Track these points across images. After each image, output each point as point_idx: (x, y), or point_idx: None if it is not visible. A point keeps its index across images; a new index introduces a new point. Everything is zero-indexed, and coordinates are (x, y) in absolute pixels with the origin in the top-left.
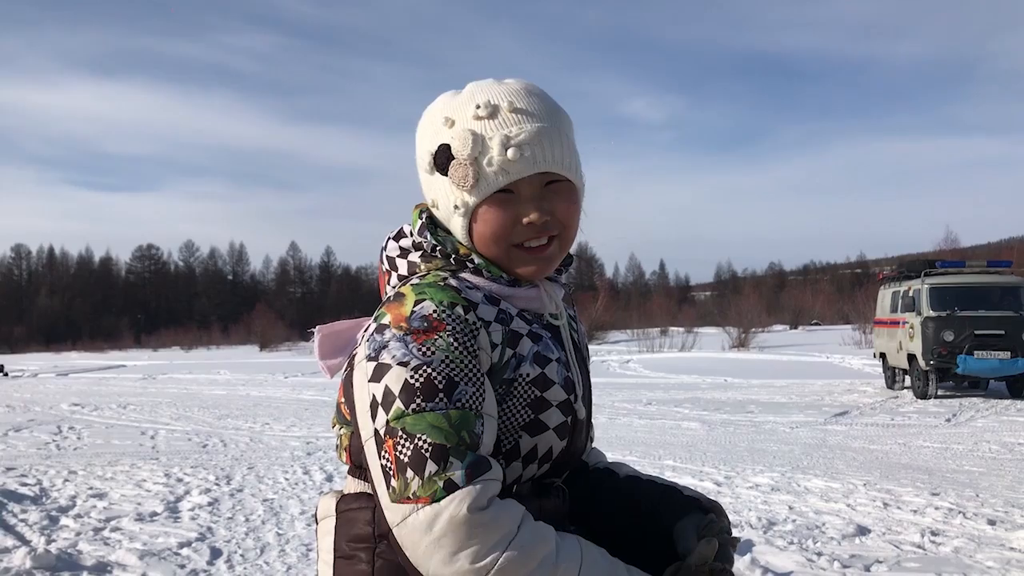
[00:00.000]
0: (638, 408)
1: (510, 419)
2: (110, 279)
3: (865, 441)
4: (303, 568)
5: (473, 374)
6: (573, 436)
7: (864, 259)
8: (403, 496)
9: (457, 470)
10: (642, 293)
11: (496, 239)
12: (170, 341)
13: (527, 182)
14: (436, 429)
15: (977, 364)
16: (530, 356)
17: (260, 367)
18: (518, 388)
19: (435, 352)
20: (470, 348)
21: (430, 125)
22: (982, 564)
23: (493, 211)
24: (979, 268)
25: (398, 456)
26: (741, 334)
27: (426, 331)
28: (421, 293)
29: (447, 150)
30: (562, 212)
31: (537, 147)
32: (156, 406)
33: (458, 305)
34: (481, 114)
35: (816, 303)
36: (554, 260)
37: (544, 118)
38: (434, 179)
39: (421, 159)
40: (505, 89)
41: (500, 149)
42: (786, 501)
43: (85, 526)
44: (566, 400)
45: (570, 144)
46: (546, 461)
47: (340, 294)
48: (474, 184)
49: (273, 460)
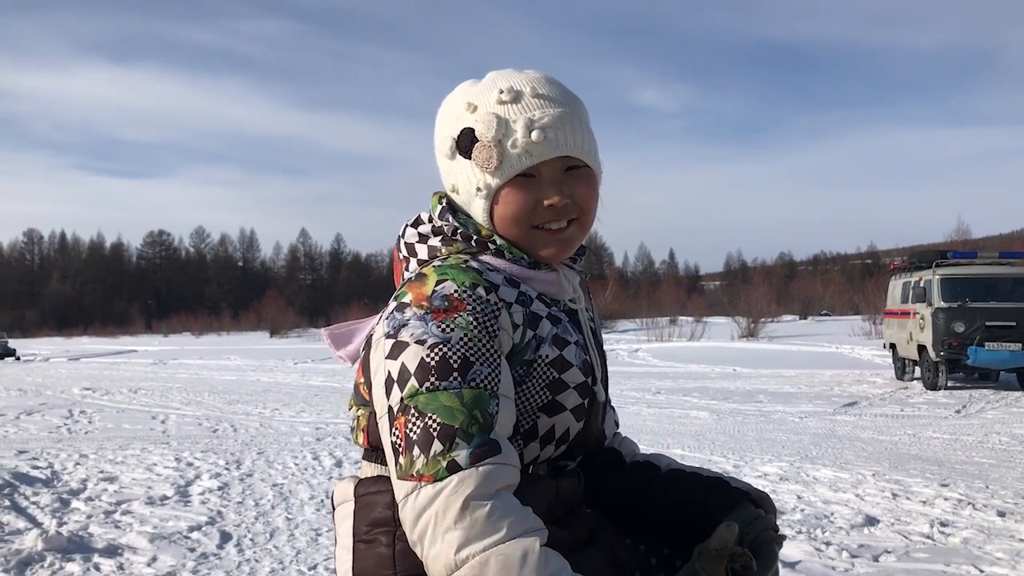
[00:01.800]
0: (647, 397)
1: (528, 400)
2: (121, 264)
3: (874, 432)
4: (312, 553)
5: (490, 354)
6: (590, 418)
7: (875, 249)
8: (408, 473)
9: (462, 450)
10: (651, 282)
11: (518, 220)
12: (180, 327)
13: (548, 165)
14: (447, 408)
15: (988, 356)
16: (549, 338)
17: (270, 353)
18: (537, 369)
19: (454, 330)
20: (490, 328)
21: (451, 111)
22: (991, 555)
23: (516, 193)
24: (991, 259)
25: (407, 434)
26: (750, 324)
27: (447, 310)
28: (443, 274)
29: (471, 133)
30: (581, 196)
31: (560, 131)
32: (167, 391)
33: (480, 286)
34: (505, 99)
35: (826, 293)
36: (573, 243)
37: (565, 104)
38: (455, 164)
39: (442, 144)
40: (526, 77)
41: (524, 131)
42: (795, 491)
43: (96, 509)
44: (584, 382)
45: (589, 131)
46: (563, 442)
47: (350, 281)
48: (498, 166)
49: (283, 445)
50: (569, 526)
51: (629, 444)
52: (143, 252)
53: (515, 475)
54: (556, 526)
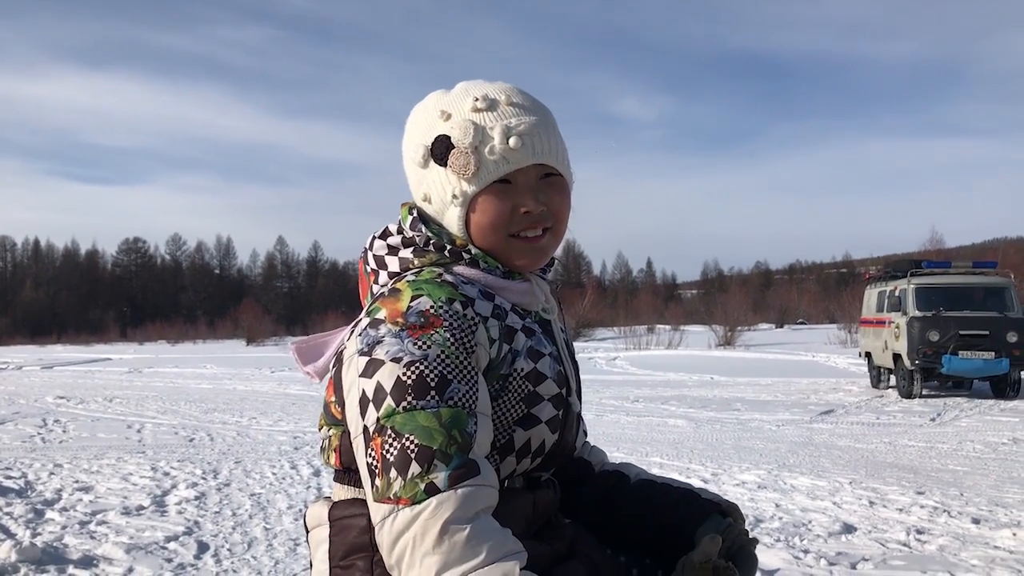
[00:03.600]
0: (625, 405)
1: (504, 414)
2: (96, 272)
3: (851, 440)
4: (291, 563)
5: (468, 372)
6: (565, 430)
7: (850, 259)
8: (385, 496)
9: (441, 472)
10: (629, 290)
11: (495, 228)
12: (156, 335)
13: (524, 172)
14: (425, 429)
15: (962, 364)
16: (524, 351)
17: (246, 361)
18: (513, 383)
19: (431, 347)
20: (467, 344)
21: (423, 120)
22: (967, 562)
23: (493, 200)
24: (965, 269)
25: (384, 455)
26: (727, 332)
27: (423, 327)
28: (419, 289)
29: (446, 140)
30: (556, 205)
31: (536, 138)
32: (142, 400)
33: (456, 301)
34: (480, 106)
35: (802, 302)
36: (547, 252)
37: (538, 113)
38: (428, 172)
39: (413, 153)
40: (498, 87)
41: (502, 138)
42: (772, 499)
43: (71, 520)
44: (559, 394)
45: (561, 140)
46: (539, 455)
47: (327, 289)
48: (475, 172)
49: (260, 455)
50: (548, 539)
51: (598, 453)
52: (118, 259)
53: (494, 496)
54: (535, 540)
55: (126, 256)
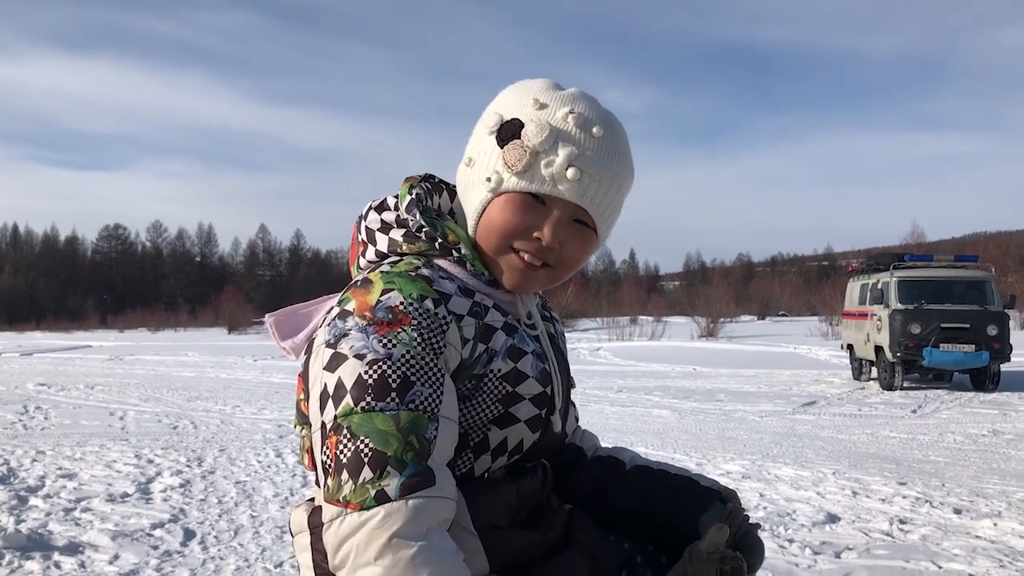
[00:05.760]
0: (609, 395)
1: (478, 413)
2: (76, 258)
3: (833, 431)
4: (278, 550)
5: (432, 374)
6: (547, 428)
7: (831, 251)
8: (335, 497)
9: (393, 479)
10: (612, 281)
11: (501, 233)
12: (137, 322)
13: (561, 205)
14: (381, 433)
15: (942, 357)
16: (503, 351)
17: (229, 349)
18: (488, 383)
19: (396, 346)
20: (435, 345)
21: (519, 96)
22: (949, 552)
23: (516, 207)
24: (946, 262)
25: (338, 455)
26: (709, 323)
27: (390, 323)
28: (390, 282)
29: (518, 127)
30: (570, 251)
31: (594, 183)
32: (124, 387)
33: (428, 298)
34: (570, 120)
35: (783, 294)
36: (536, 283)
37: (616, 164)
38: (487, 140)
39: (488, 117)
40: (603, 115)
41: (564, 161)
42: (757, 488)
43: (55, 507)
44: (541, 393)
45: (619, 203)
46: (516, 453)
47: (309, 277)
48: (521, 172)
49: (245, 442)
50: (538, 527)
51: (590, 438)
52: (98, 246)
53: (449, 508)
54: (524, 528)
55: (106, 243)
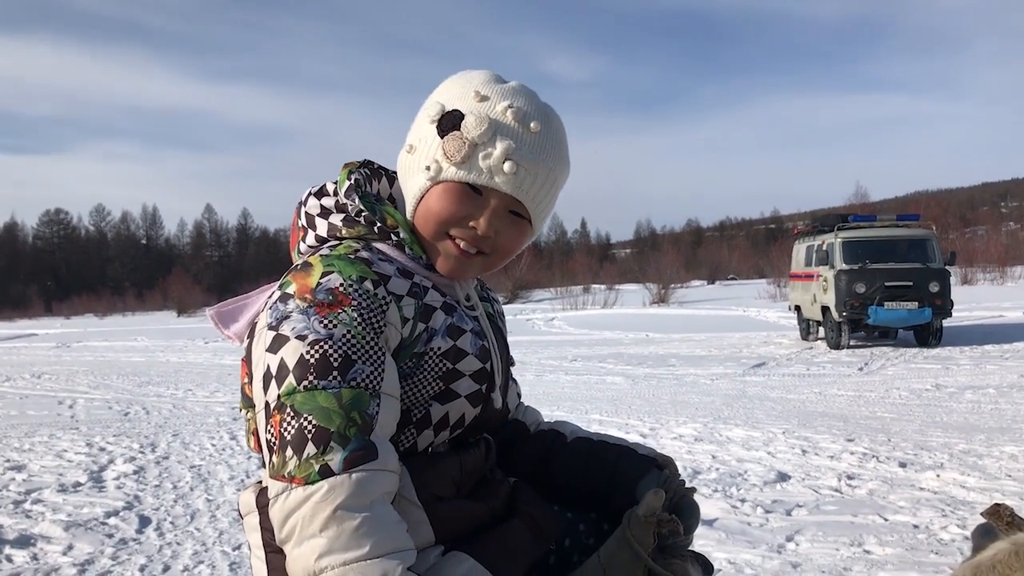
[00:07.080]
0: (564, 364)
1: (419, 390)
2: (16, 245)
3: (782, 391)
4: (235, 533)
5: (373, 352)
6: (488, 403)
7: (778, 214)
8: (279, 473)
9: (337, 454)
10: (564, 252)
11: (438, 221)
12: (83, 308)
13: (498, 196)
14: (324, 410)
15: (887, 315)
16: (443, 329)
17: (179, 333)
18: (429, 361)
19: (336, 327)
20: (375, 324)
21: (461, 87)
22: (895, 504)
23: (454, 196)
24: (889, 222)
25: (282, 432)
26: (661, 290)
27: (330, 304)
28: (330, 265)
29: (459, 117)
30: (505, 240)
31: (530, 177)
32: (72, 375)
33: (367, 280)
34: (510, 114)
35: (732, 259)
36: (471, 270)
37: (553, 160)
38: (428, 129)
39: (431, 106)
40: (541, 110)
41: (502, 155)
42: (709, 451)
43: (4, 499)
44: (481, 369)
45: (554, 196)
46: (459, 427)
47: (258, 256)
48: (460, 162)
49: (198, 426)
50: (482, 498)
51: (532, 413)
52: (39, 232)
53: (392, 481)
54: (469, 499)
55: (48, 228)
